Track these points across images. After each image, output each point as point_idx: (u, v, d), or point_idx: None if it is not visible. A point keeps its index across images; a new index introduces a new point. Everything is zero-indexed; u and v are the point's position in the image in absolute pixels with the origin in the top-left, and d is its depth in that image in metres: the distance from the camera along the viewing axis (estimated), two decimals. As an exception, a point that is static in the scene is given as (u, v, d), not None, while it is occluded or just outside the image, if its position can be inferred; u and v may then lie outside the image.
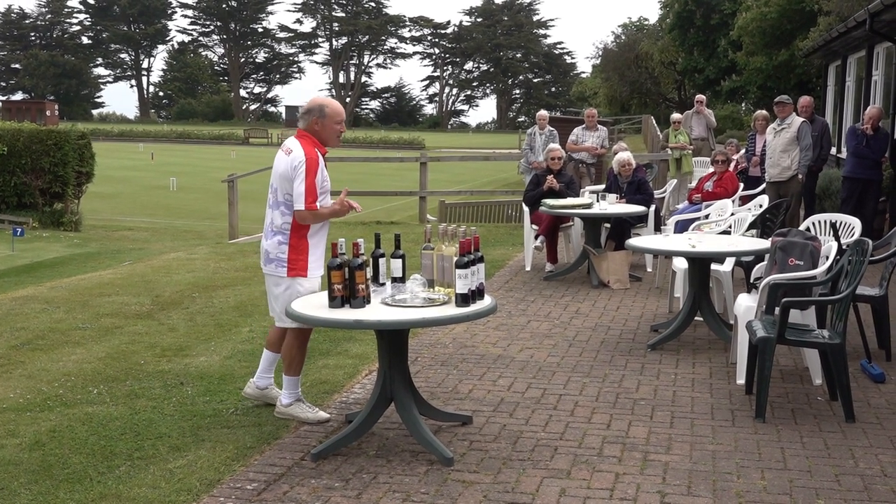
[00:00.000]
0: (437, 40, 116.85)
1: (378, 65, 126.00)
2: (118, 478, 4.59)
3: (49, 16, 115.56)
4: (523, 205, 11.00)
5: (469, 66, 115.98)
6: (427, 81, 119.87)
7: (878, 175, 11.65)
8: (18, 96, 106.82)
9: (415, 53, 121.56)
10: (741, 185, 11.52)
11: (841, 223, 7.85)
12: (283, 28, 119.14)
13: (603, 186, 11.47)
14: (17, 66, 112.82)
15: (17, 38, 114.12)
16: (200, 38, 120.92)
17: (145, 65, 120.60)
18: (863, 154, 11.44)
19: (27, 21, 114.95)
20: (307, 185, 5.19)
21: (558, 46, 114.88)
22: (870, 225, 10.93)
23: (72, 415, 5.55)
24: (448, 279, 4.87)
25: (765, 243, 7.12)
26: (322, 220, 5.37)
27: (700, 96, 17.67)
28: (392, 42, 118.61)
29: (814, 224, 8.05)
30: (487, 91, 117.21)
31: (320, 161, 5.29)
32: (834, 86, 19.82)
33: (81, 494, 4.39)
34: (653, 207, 10.60)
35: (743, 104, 43.43)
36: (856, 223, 7.74)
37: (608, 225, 10.44)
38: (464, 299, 4.70)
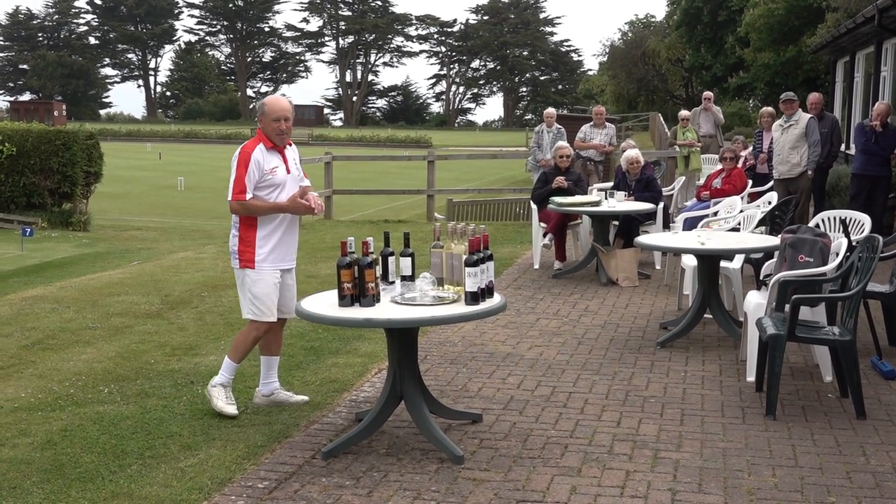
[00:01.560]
0: (443, 38, 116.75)
1: (385, 63, 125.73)
2: (130, 476, 4.60)
3: (56, 16, 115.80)
4: (531, 203, 10.99)
5: (476, 64, 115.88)
6: (434, 80, 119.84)
7: (888, 172, 11.59)
8: (26, 97, 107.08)
9: (421, 52, 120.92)
10: (749, 182, 11.48)
11: (851, 220, 7.82)
12: (289, 27, 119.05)
13: (611, 184, 11.46)
14: (24, 66, 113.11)
15: (25, 39, 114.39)
16: (207, 38, 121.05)
17: (152, 65, 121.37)
18: (871, 151, 11.39)
19: (34, 22, 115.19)
20: (236, 176, 5.27)
21: (565, 44, 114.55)
22: (879, 222, 10.90)
23: (83, 414, 5.57)
24: (457, 277, 4.87)
25: (774, 240, 7.11)
26: (259, 214, 5.35)
27: (708, 93, 17.63)
28: (398, 40, 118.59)
29: (823, 221, 8.03)
30: (494, 89, 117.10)
31: (255, 154, 5.30)
32: (842, 82, 19.76)
33: (93, 493, 4.41)
34: (661, 205, 10.59)
35: (750, 101, 43.32)
36: (865, 220, 7.71)
37: (616, 222, 10.43)
38: (473, 297, 4.70)
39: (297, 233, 5.64)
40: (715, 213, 9.99)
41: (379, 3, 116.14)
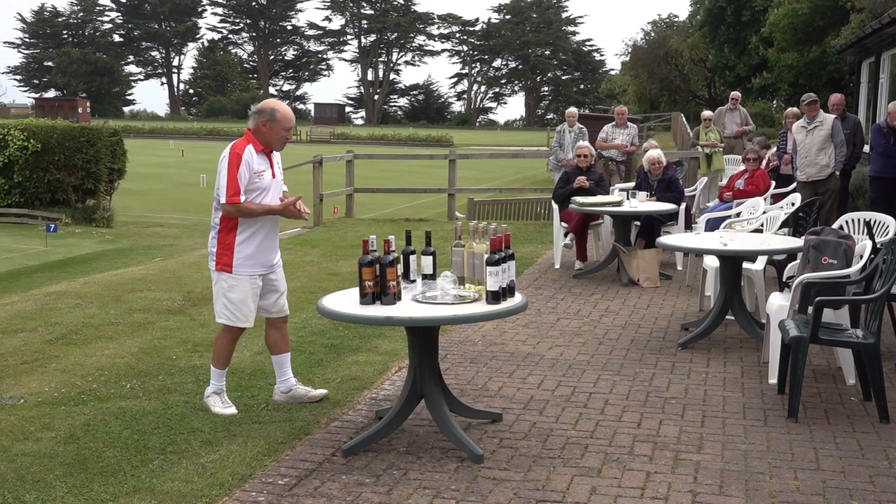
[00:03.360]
0: (465, 37, 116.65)
1: (406, 62, 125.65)
2: (151, 472, 4.63)
3: (81, 14, 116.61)
4: (553, 202, 10.97)
5: (497, 63, 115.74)
6: (455, 79, 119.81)
7: None
8: (51, 94, 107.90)
9: (443, 51, 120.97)
10: (773, 183, 11.41)
11: (875, 222, 7.76)
12: (312, 25, 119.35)
13: (633, 184, 11.42)
14: (49, 63, 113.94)
15: (50, 37, 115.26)
16: (230, 36, 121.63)
17: (176, 62, 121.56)
18: (891, 153, 11.26)
19: (60, 19, 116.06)
20: (228, 178, 5.24)
21: (587, 43, 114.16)
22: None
23: (105, 409, 5.61)
24: (479, 276, 4.87)
25: (797, 242, 7.06)
26: (252, 217, 5.33)
27: (735, 93, 17.48)
28: (420, 39, 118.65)
29: (847, 223, 7.97)
30: (516, 88, 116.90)
31: (245, 156, 5.28)
32: (867, 83, 19.60)
33: (115, 488, 4.44)
34: (683, 205, 10.54)
35: (774, 101, 43.07)
36: (890, 222, 7.65)
37: (638, 223, 10.39)
38: (495, 297, 4.70)
39: (277, 237, 5.61)
40: (737, 214, 9.94)
41: (401, 1, 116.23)
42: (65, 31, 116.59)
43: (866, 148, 13.96)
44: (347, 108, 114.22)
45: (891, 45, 16.69)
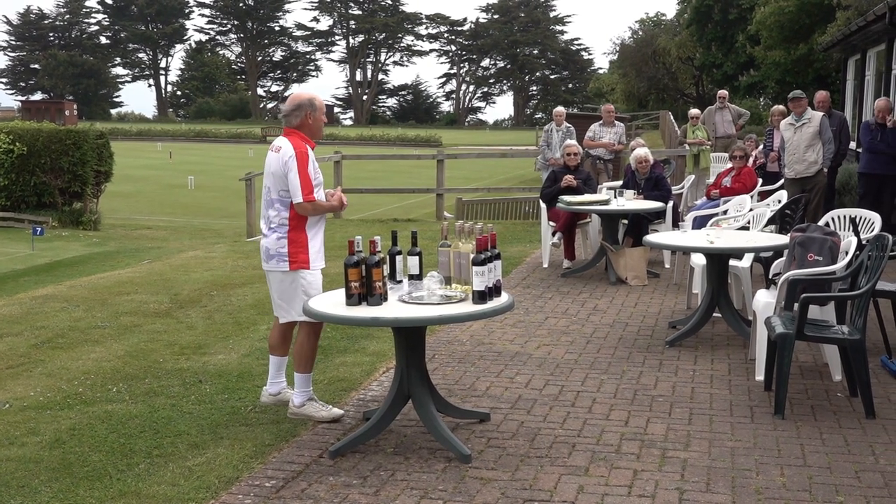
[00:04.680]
0: (453, 37, 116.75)
1: (395, 62, 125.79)
2: (137, 475, 4.61)
3: (67, 16, 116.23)
4: (540, 201, 10.97)
5: (486, 62, 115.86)
6: (444, 79, 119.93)
7: (895, 170, 11.49)
8: (38, 96, 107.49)
9: (431, 51, 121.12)
10: (760, 181, 11.43)
11: (860, 218, 7.79)
12: (299, 26, 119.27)
13: (620, 183, 11.44)
14: (36, 66, 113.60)
15: (36, 39, 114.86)
16: (218, 37, 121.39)
17: (163, 64, 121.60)
18: (878, 149, 11.30)
19: (46, 21, 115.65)
20: (301, 177, 5.24)
21: (575, 43, 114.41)
22: (887, 220, 10.82)
23: (91, 413, 5.58)
24: (465, 276, 4.86)
25: (783, 239, 7.09)
26: (321, 213, 5.42)
27: (723, 92, 17.46)
28: (409, 39, 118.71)
29: (833, 219, 8.00)
30: (504, 88, 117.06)
31: (310, 154, 5.34)
32: (853, 80, 19.68)
33: (101, 492, 4.42)
34: (670, 203, 10.55)
35: (761, 99, 43.19)
36: (875, 218, 7.67)
37: (626, 221, 10.41)
38: (481, 296, 4.70)
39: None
40: (724, 212, 9.96)
41: (389, 2, 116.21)
42: (51, 34, 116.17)
43: (852, 144, 14.03)
44: (336, 109, 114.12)
45: (876, 43, 16.75)
